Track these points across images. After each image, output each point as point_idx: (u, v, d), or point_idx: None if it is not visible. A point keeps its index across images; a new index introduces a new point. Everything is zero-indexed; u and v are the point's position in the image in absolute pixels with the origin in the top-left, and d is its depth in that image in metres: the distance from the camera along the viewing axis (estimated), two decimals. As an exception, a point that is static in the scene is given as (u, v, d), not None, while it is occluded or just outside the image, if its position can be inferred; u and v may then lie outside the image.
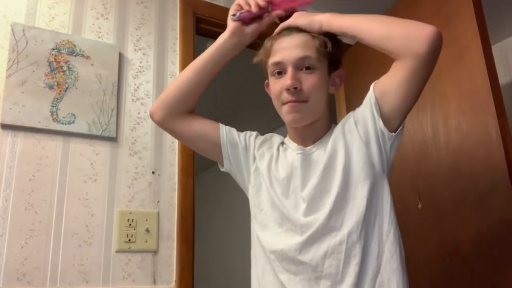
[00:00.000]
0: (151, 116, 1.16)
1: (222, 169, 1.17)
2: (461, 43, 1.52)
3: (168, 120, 1.14)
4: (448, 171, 1.55)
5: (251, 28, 1.08)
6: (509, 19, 2.39)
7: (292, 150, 1.08)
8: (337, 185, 0.99)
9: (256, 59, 1.09)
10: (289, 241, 1.00)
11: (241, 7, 1.07)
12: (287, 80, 0.99)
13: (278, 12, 1.07)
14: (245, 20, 1.07)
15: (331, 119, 1.10)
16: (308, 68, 1.00)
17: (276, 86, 1.03)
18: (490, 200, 1.38)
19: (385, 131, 0.99)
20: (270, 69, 1.05)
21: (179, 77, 1.16)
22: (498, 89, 1.42)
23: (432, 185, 1.60)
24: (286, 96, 1.01)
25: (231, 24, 1.09)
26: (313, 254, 0.97)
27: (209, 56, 1.11)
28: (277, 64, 1.02)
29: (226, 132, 1.14)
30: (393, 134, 0.99)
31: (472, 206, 1.44)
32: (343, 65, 1.14)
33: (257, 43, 1.10)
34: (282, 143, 1.13)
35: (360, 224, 0.96)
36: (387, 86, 0.98)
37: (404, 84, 0.95)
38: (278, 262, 1.00)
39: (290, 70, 1.00)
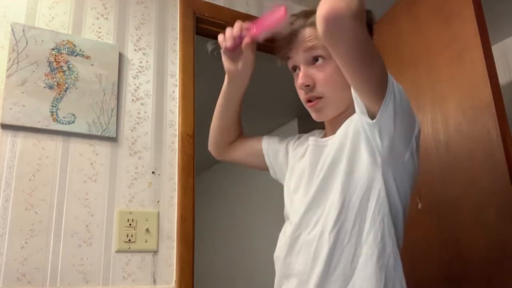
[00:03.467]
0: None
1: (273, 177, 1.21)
2: (461, 43, 1.52)
3: (220, 153, 1.23)
4: (448, 171, 1.55)
5: (242, 62, 1.02)
6: (509, 19, 2.39)
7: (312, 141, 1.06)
8: (320, 178, 0.94)
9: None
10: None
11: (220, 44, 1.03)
12: (299, 78, 0.99)
13: (247, 40, 1.00)
14: (229, 51, 1.02)
15: None
16: (317, 59, 0.98)
17: (295, 83, 1.03)
18: (490, 200, 1.38)
19: (364, 118, 0.87)
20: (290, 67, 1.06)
21: (213, 118, 1.20)
22: (498, 89, 1.42)
23: (432, 185, 1.60)
24: (303, 94, 1.01)
25: (226, 71, 1.07)
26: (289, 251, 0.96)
27: (222, 98, 1.14)
28: (292, 66, 1.03)
29: (267, 144, 1.18)
30: (372, 121, 0.86)
31: (472, 206, 1.44)
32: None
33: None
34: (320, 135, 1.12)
35: (332, 222, 0.89)
36: None
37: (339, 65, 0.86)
38: None
39: (301, 68, 1.00)
